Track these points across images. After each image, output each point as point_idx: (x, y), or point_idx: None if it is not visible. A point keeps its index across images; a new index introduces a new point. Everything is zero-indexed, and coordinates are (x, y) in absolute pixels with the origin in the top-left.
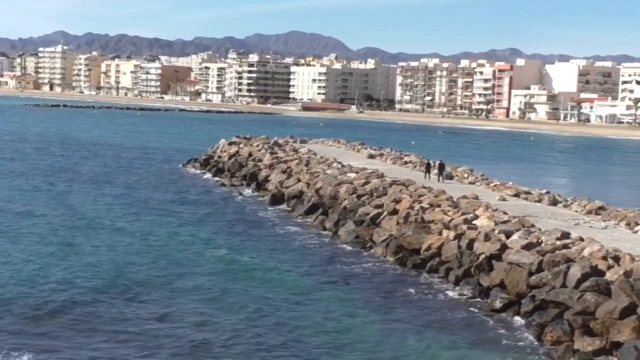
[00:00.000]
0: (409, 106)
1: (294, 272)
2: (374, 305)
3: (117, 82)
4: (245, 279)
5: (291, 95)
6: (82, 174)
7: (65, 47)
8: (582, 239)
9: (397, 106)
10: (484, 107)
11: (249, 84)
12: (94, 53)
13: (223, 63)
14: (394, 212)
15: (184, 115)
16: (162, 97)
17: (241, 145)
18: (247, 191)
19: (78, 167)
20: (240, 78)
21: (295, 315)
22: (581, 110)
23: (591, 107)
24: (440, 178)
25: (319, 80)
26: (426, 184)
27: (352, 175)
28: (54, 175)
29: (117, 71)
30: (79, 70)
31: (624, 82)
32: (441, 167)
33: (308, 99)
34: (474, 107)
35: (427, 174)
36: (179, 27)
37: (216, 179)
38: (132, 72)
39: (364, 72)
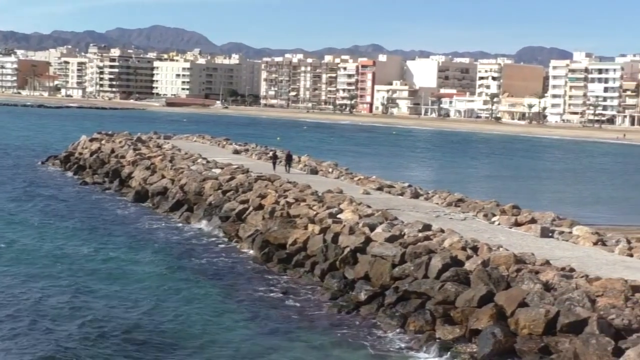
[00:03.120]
0: (274, 101)
1: (157, 269)
2: (238, 302)
3: None
4: (106, 276)
5: (155, 91)
6: None
7: None
8: (442, 231)
9: (262, 101)
10: (348, 102)
11: (110, 79)
12: None
13: (83, 58)
14: (260, 207)
15: (42, 111)
16: (19, 93)
17: (103, 142)
18: (110, 189)
19: None
20: (101, 73)
21: (158, 312)
22: (441, 105)
23: (450, 102)
24: (288, 168)
25: (183, 75)
26: (273, 174)
27: (217, 171)
28: None
29: None
30: None
31: (481, 78)
32: (288, 158)
33: (172, 95)
34: (338, 102)
35: (275, 165)
36: (36, 20)
37: (77, 176)
38: None
39: (229, 68)
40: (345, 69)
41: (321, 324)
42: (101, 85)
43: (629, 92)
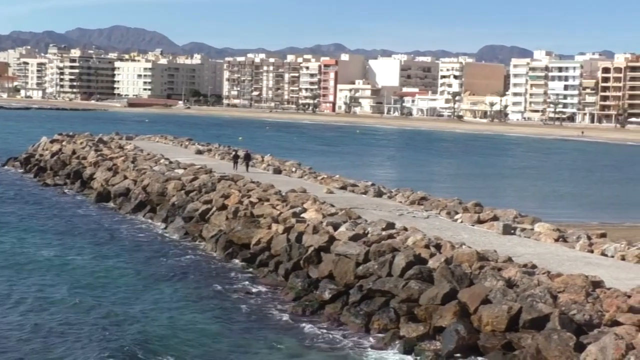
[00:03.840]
0: (236, 101)
1: (122, 270)
2: (203, 302)
3: None
4: (74, 277)
5: (116, 91)
6: None
7: None
8: (406, 229)
9: (225, 101)
10: (311, 101)
11: (71, 80)
12: None
13: (43, 58)
14: (223, 207)
15: (1, 112)
16: None
17: (64, 143)
18: (71, 190)
19: None
20: (61, 74)
21: (123, 313)
22: (403, 104)
23: (413, 101)
24: (247, 167)
25: (145, 75)
26: (234, 173)
27: (180, 171)
28: None
29: None
30: None
31: (443, 77)
32: (247, 157)
33: (134, 95)
34: (301, 101)
35: (236, 165)
36: None
37: (37, 178)
38: None
39: (191, 68)
40: (307, 68)
41: (286, 323)
42: (61, 86)
43: (588, 90)
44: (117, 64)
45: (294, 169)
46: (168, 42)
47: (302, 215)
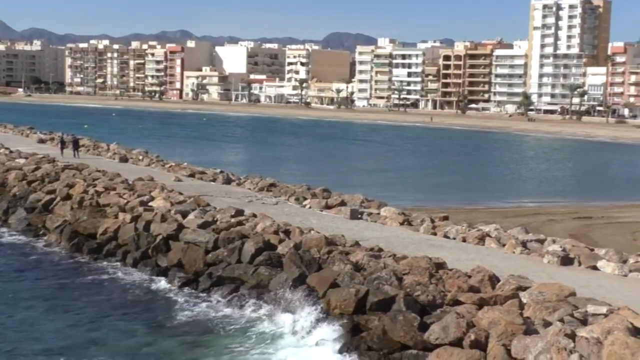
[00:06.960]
0: (80, 89)
1: None
2: (50, 295)
3: None
4: None
5: None
6: None
7: None
8: (255, 216)
9: (68, 89)
10: (157, 88)
11: None
12: None
13: None
14: (68, 197)
15: None
16: None
17: None
18: None
19: None
20: None
21: None
22: (251, 91)
23: (261, 88)
24: (76, 153)
25: None
26: (62, 160)
27: (22, 161)
28: None
29: None
30: None
31: (290, 64)
32: (75, 143)
33: None
34: (147, 89)
35: (62, 150)
36: None
37: None
38: None
39: (30, 54)
40: (153, 55)
41: (135, 312)
42: None
43: (430, 77)
44: None
45: (141, 157)
46: (5, 28)
47: (150, 203)
